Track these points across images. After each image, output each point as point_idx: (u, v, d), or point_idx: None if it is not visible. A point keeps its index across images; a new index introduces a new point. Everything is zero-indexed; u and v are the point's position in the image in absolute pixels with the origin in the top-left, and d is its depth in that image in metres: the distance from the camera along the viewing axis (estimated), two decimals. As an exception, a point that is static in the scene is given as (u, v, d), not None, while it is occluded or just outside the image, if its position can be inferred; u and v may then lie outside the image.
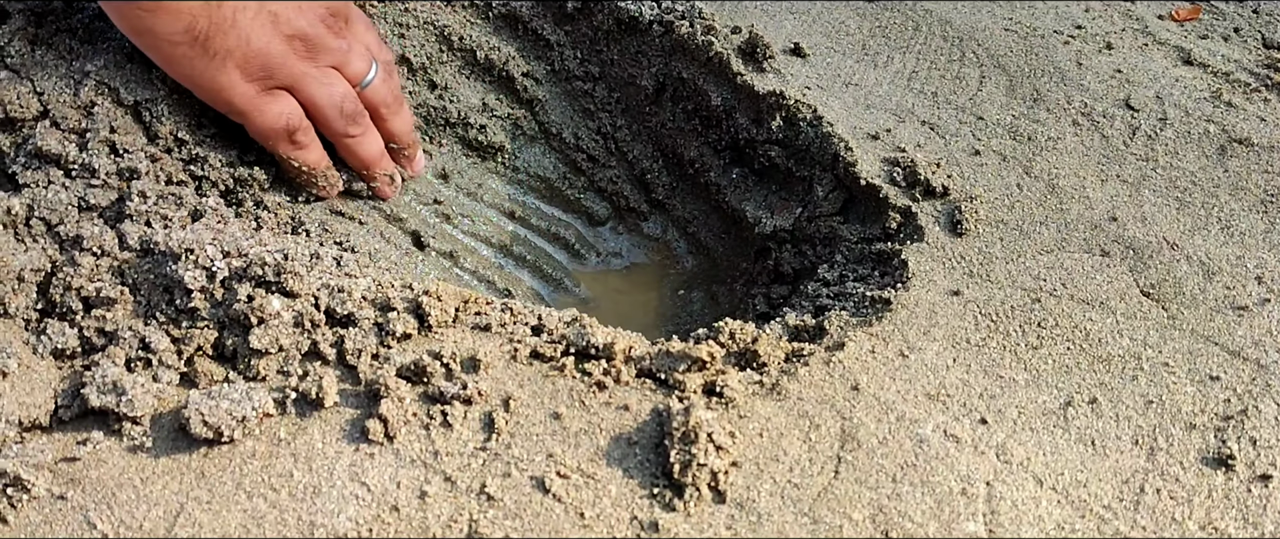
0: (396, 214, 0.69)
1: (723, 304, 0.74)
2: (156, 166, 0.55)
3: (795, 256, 0.67)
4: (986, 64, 0.69)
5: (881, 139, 0.65)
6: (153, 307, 0.51)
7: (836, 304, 0.59)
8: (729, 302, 0.74)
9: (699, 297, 0.75)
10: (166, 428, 0.48)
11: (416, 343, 0.52)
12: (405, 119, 0.66)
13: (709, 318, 0.74)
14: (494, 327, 0.54)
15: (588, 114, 0.77)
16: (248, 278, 0.51)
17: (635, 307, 0.75)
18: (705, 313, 0.74)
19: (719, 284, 0.75)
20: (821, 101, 0.67)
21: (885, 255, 0.60)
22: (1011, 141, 0.64)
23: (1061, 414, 0.50)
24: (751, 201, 0.71)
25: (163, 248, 0.51)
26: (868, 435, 0.48)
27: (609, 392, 0.50)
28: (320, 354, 0.51)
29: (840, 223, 0.64)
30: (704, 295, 0.75)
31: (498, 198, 0.75)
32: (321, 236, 0.61)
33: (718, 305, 0.74)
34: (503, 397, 0.50)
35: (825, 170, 0.65)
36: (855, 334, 0.53)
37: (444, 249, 0.70)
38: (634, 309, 0.75)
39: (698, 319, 0.74)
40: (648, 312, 0.75)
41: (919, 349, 0.53)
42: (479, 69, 0.75)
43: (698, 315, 0.74)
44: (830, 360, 0.52)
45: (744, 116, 0.69)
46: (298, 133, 0.58)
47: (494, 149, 0.75)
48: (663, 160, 0.77)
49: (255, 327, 0.50)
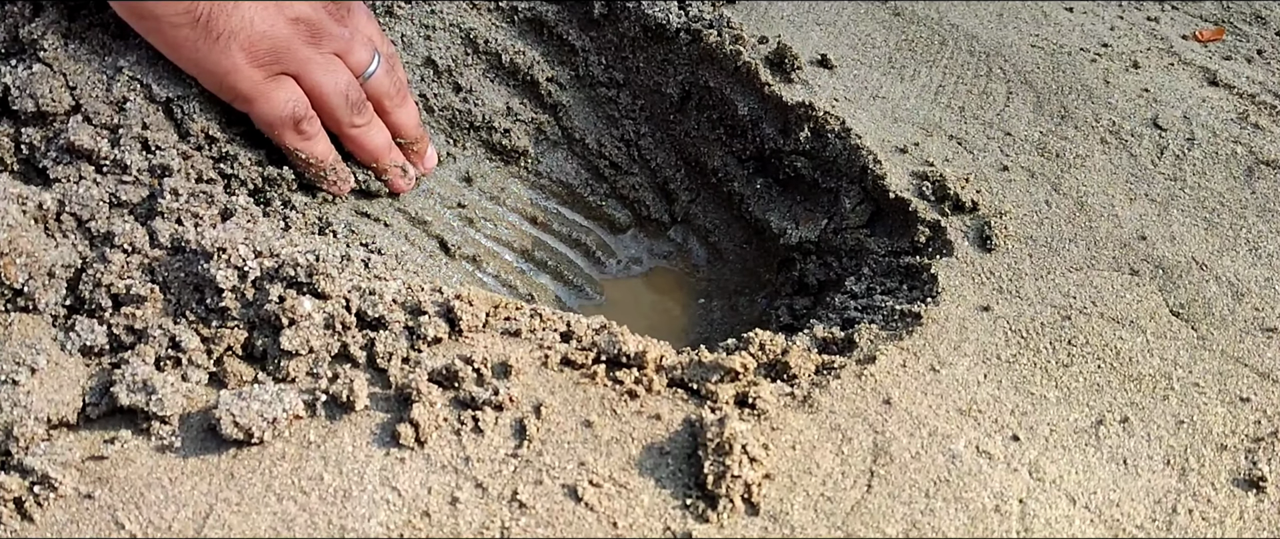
0: (421, 217, 0.68)
1: (743, 314, 0.74)
2: (188, 164, 0.55)
3: (820, 268, 0.67)
4: (1013, 80, 0.69)
5: (909, 153, 0.65)
6: (183, 305, 0.50)
7: (865, 317, 0.58)
8: (750, 312, 0.74)
9: (719, 306, 0.75)
10: (196, 428, 0.48)
11: (447, 347, 0.52)
12: (410, 111, 0.65)
13: (729, 327, 0.73)
14: (524, 332, 0.53)
15: (611, 120, 0.76)
16: (279, 278, 0.50)
17: (655, 314, 0.75)
18: (725, 322, 0.74)
19: (740, 294, 0.75)
20: (850, 113, 0.67)
21: (914, 269, 0.60)
22: (1040, 158, 0.64)
23: (1093, 433, 0.50)
24: (775, 212, 0.71)
25: (194, 246, 0.51)
26: (900, 450, 0.48)
27: (641, 400, 0.50)
28: (351, 357, 0.50)
29: (867, 235, 0.64)
30: (724, 304, 0.75)
31: (520, 202, 0.75)
32: (348, 238, 0.61)
33: (738, 315, 0.74)
34: (534, 403, 0.49)
35: (853, 182, 0.65)
36: (886, 348, 0.53)
37: (468, 254, 0.70)
38: (654, 317, 0.75)
39: (718, 328, 0.74)
40: (668, 320, 0.75)
41: (950, 364, 0.53)
42: (504, 73, 0.75)
43: (718, 324, 0.74)
44: (862, 373, 0.52)
45: (771, 127, 0.69)
46: (303, 121, 0.58)
47: (517, 153, 0.75)
48: (686, 168, 0.77)
49: (286, 327, 0.50)
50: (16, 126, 0.54)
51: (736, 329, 0.73)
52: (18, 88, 0.54)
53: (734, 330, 0.73)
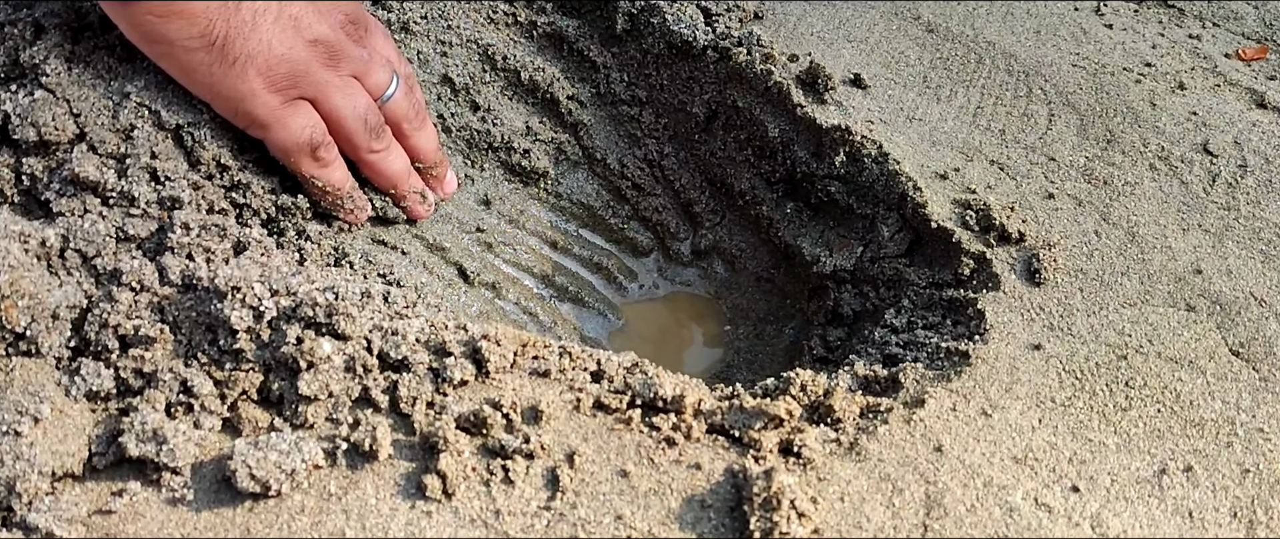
0: (439, 243, 0.66)
1: (770, 342, 0.71)
2: (199, 195, 0.52)
3: (856, 298, 0.64)
4: (1055, 101, 0.67)
5: (950, 179, 0.62)
6: (194, 347, 0.48)
7: (908, 354, 0.56)
8: (777, 340, 0.71)
9: (745, 333, 0.72)
10: (209, 478, 0.45)
11: (474, 390, 0.49)
12: (429, 135, 0.63)
13: (755, 356, 0.71)
14: (553, 373, 0.51)
15: (634, 140, 0.74)
16: (297, 318, 0.48)
17: (677, 342, 0.72)
18: (751, 350, 0.71)
19: (766, 321, 0.72)
20: (886, 136, 0.64)
21: (958, 303, 0.57)
22: (1086, 185, 0.61)
23: (1156, 483, 0.47)
24: (807, 238, 0.68)
25: (206, 284, 0.48)
26: (954, 502, 0.46)
27: (679, 448, 0.47)
28: (372, 401, 0.48)
29: (906, 265, 0.62)
30: (750, 332, 0.72)
31: (540, 226, 0.72)
32: (365, 269, 0.58)
33: (764, 343, 0.72)
34: (567, 451, 0.47)
35: (890, 210, 0.63)
36: (934, 390, 0.51)
37: (487, 280, 0.67)
38: (676, 344, 0.72)
39: (743, 357, 0.71)
40: (691, 347, 0.72)
41: (1002, 408, 0.50)
42: (522, 91, 0.72)
43: (744, 353, 0.71)
44: (910, 418, 0.49)
45: (803, 149, 0.67)
46: (321, 148, 0.55)
47: (537, 174, 0.72)
48: (711, 191, 0.74)
49: (304, 371, 0.47)
50: (17, 156, 0.52)
51: (762, 358, 0.71)
52: (19, 115, 0.51)
53: (760, 359, 0.70)
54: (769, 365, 0.70)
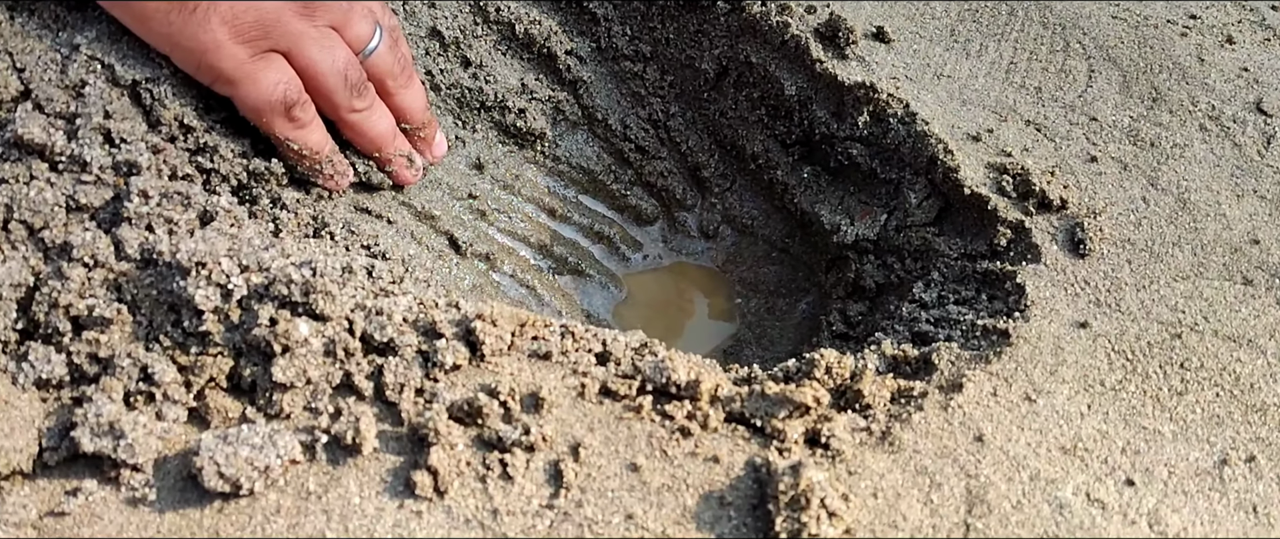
0: (428, 211, 0.61)
1: (783, 316, 0.67)
2: (159, 159, 0.47)
3: (879, 270, 0.60)
4: (1095, 56, 0.62)
5: (983, 140, 0.57)
6: (155, 329, 0.43)
7: (940, 332, 0.51)
8: (790, 314, 0.67)
9: (756, 307, 0.68)
10: (173, 476, 0.41)
11: (467, 375, 0.44)
12: (416, 93, 0.57)
13: (767, 331, 0.66)
14: (554, 355, 0.46)
15: (637, 99, 0.69)
16: (270, 297, 0.43)
17: (684, 316, 0.68)
18: (763, 326, 0.67)
19: (779, 294, 0.68)
20: (913, 95, 0.59)
21: (995, 276, 0.52)
22: (1132, 147, 0.57)
23: (1217, 475, 0.43)
24: (826, 205, 0.63)
25: (168, 259, 0.43)
26: (999, 498, 0.41)
27: (695, 439, 0.43)
28: (355, 388, 0.43)
29: (935, 234, 0.57)
30: (761, 305, 0.68)
31: (537, 191, 0.67)
32: (348, 239, 0.53)
33: (777, 317, 0.67)
34: (571, 443, 0.42)
35: (918, 174, 0.58)
36: (972, 372, 0.46)
37: (481, 251, 0.62)
38: (683, 319, 0.68)
39: (754, 332, 0.66)
40: (698, 322, 0.67)
41: (1048, 393, 0.46)
42: (517, 45, 0.67)
43: (754, 328, 0.67)
44: (947, 404, 0.45)
45: (822, 109, 0.61)
46: (296, 107, 0.50)
47: (533, 136, 0.67)
48: (721, 153, 0.69)
49: (279, 355, 0.42)
50: (-46, 116, 0.46)
51: (774, 333, 0.66)
52: (-46, 69, 0.45)
53: (771, 335, 0.66)
54: (781, 341, 0.65)
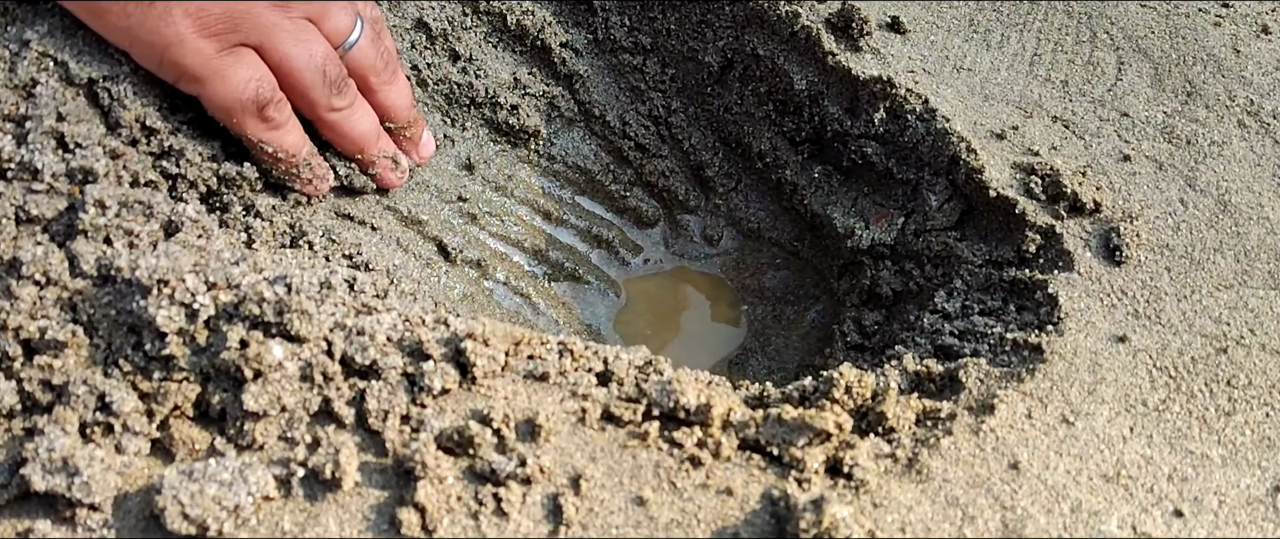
0: (415, 216, 0.57)
1: (792, 324, 0.63)
2: (118, 165, 0.43)
3: (897, 277, 0.56)
4: (1124, 47, 0.58)
5: (1008, 139, 0.54)
6: (114, 353, 0.39)
7: (965, 346, 0.48)
8: (799, 322, 0.63)
9: (762, 315, 0.64)
10: (134, 515, 0.37)
11: (458, 400, 0.41)
12: (401, 89, 0.54)
13: (774, 340, 0.63)
14: (552, 376, 0.43)
15: (637, 94, 0.65)
16: (240, 317, 0.39)
17: (686, 324, 0.64)
18: (770, 335, 0.63)
19: (787, 301, 0.64)
20: (932, 89, 0.55)
21: (1023, 285, 0.49)
22: (1167, 145, 0.53)
23: (1270, 502, 0.40)
24: (838, 207, 0.59)
25: (128, 276, 0.39)
26: (1038, 532, 0.38)
27: (706, 470, 0.39)
28: (335, 416, 0.40)
29: (957, 239, 0.53)
30: (768, 313, 0.64)
31: (531, 193, 0.63)
32: (328, 249, 0.50)
33: (784, 326, 0.63)
34: (570, 474, 0.39)
35: (938, 175, 0.54)
36: (1004, 392, 0.43)
37: (471, 258, 0.59)
38: (685, 327, 0.64)
39: (760, 341, 0.63)
40: (701, 331, 0.64)
41: (1087, 414, 0.42)
42: (509, 37, 0.63)
43: (760, 336, 0.63)
44: (978, 428, 0.41)
45: (835, 104, 0.58)
46: (269, 106, 0.46)
47: (526, 134, 0.63)
48: (726, 152, 0.66)
49: (250, 381, 0.39)
50: (-108, 118, 0.42)
51: (781, 343, 0.63)
52: (-110, 67, 0.41)
53: (778, 344, 0.63)
54: (789, 352, 0.62)
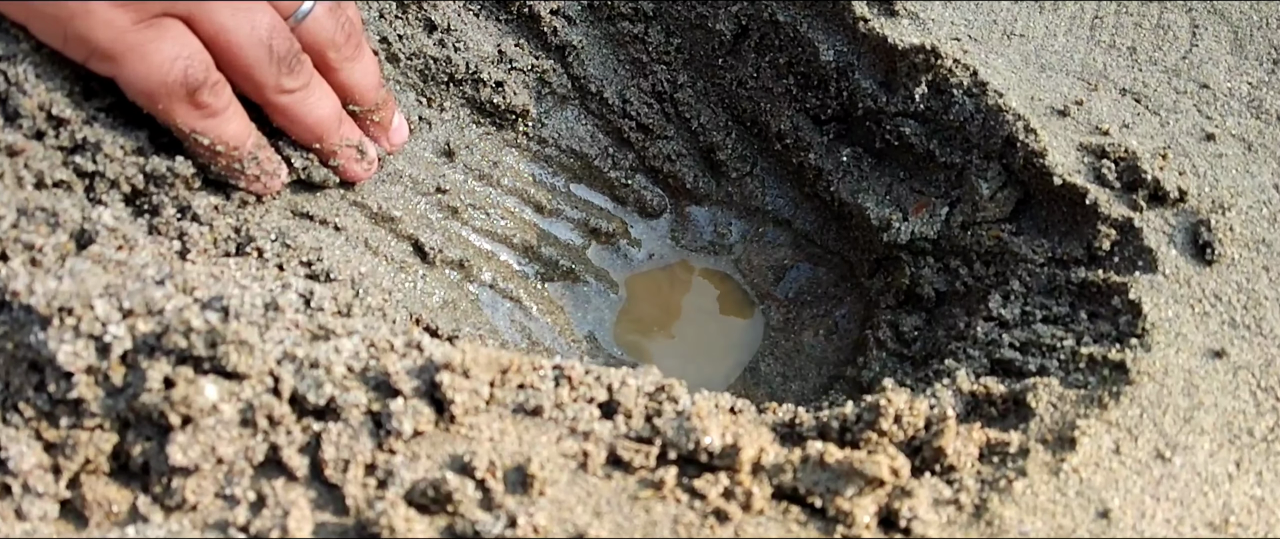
0: (387, 212, 0.50)
1: (814, 327, 0.56)
2: (17, 163, 0.36)
3: (940, 275, 0.49)
4: (1197, 8, 0.51)
5: (1071, 115, 0.46)
6: (12, 395, 0.32)
7: (1029, 360, 0.41)
8: (822, 324, 0.56)
9: (780, 317, 0.57)
10: (37, 598, 0.30)
11: (433, 444, 0.34)
12: (366, 66, 0.46)
13: (793, 347, 0.56)
14: (546, 409, 0.36)
15: (638, 67, 0.57)
16: (163, 350, 0.32)
17: (696, 329, 0.57)
18: (789, 341, 0.56)
19: (808, 302, 0.57)
20: (981, 60, 0.48)
21: (1096, 289, 0.42)
22: (1255, 122, 0.46)
23: None
24: (871, 195, 0.52)
25: (25, 301, 0.32)
26: (1137, 599, 0.31)
27: (734, 525, 0.33)
28: (284, 467, 0.33)
29: (1012, 233, 0.46)
30: (788, 314, 0.57)
31: (519, 181, 0.56)
32: (281, 256, 0.42)
33: (806, 330, 0.57)
34: (571, 534, 0.32)
35: (989, 158, 0.47)
36: (1085, 421, 0.36)
37: (453, 258, 0.51)
38: (694, 332, 0.57)
39: (778, 347, 0.56)
40: (713, 335, 0.57)
41: (1185, 448, 0.36)
42: (493, 3, 0.55)
43: (778, 341, 0.56)
44: (1058, 467, 0.35)
45: (867, 77, 0.50)
46: (202, 89, 0.39)
47: (514, 114, 0.56)
48: (739, 132, 0.58)
49: (177, 428, 0.32)
50: None
51: (801, 350, 0.56)
52: None
53: (797, 351, 0.56)
54: (812, 360, 0.55)
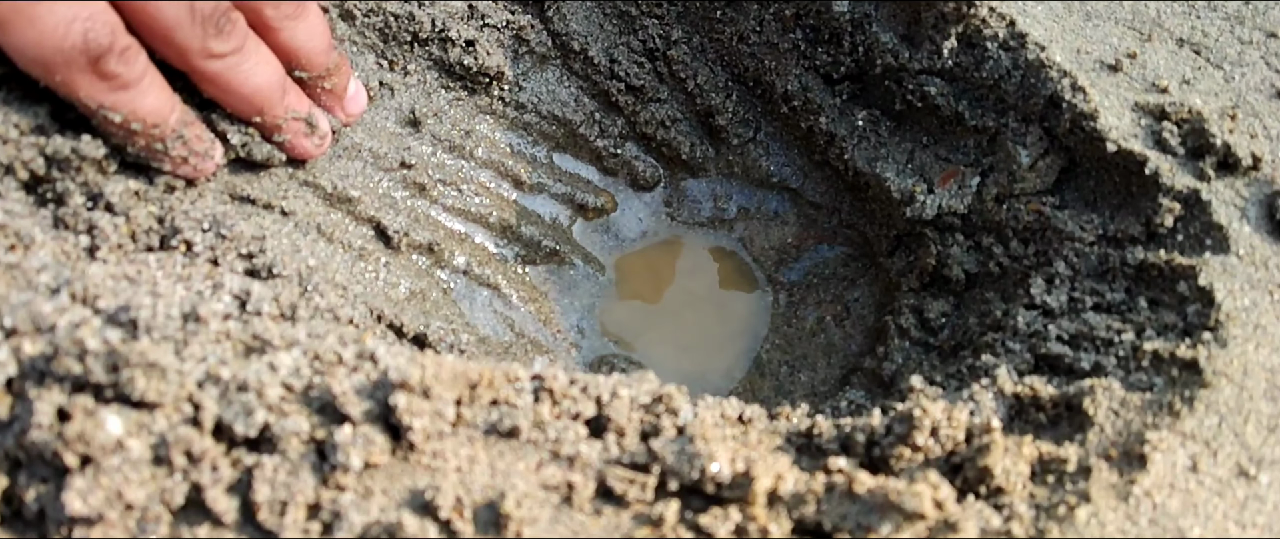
0: (343, 192, 0.44)
1: (826, 310, 0.51)
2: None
3: (971, 255, 0.44)
4: (1260, -54, 0.45)
5: (1124, 71, 0.41)
6: (-127, 434, 0.26)
7: (1081, 356, 0.36)
8: (837, 310, 0.51)
9: (789, 299, 0.52)
10: None
11: (388, 477, 0.28)
12: (312, 25, 0.40)
13: (801, 334, 0.51)
14: (524, 430, 0.30)
15: (627, 22, 0.51)
16: (55, 376, 0.26)
17: (692, 313, 0.52)
18: (797, 327, 0.51)
19: (818, 283, 0.52)
20: (1018, 8, 0.42)
21: (1157, 273, 0.37)
22: (1333, 75, 0.40)
23: None
24: (890, 163, 0.46)
25: (-118, 320, 0.26)
26: (1226, 651, 0.26)
27: (748, 570, 0.28)
28: (209, 512, 0.27)
29: (1056, 207, 0.41)
30: (797, 296, 0.52)
31: (495, 152, 0.50)
32: (216, 250, 0.36)
33: (816, 313, 0.51)
34: (554, 586, 0.27)
35: (1027, 122, 0.41)
36: (1156, 433, 0.31)
37: (421, 242, 0.46)
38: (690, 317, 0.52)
39: (784, 334, 0.51)
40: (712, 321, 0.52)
41: (1272, 463, 0.31)
42: (461, -47, 0.49)
43: (784, 328, 0.51)
44: (1127, 490, 0.30)
45: (886, 31, 0.44)
46: (108, 56, 0.33)
47: (487, 77, 0.50)
48: (741, 93, 0.52)
49: (76, 470, 0.26)
50: None
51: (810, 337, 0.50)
52: None
53: (806, 339, 0.50)
54: (823, 348, 0.50)
